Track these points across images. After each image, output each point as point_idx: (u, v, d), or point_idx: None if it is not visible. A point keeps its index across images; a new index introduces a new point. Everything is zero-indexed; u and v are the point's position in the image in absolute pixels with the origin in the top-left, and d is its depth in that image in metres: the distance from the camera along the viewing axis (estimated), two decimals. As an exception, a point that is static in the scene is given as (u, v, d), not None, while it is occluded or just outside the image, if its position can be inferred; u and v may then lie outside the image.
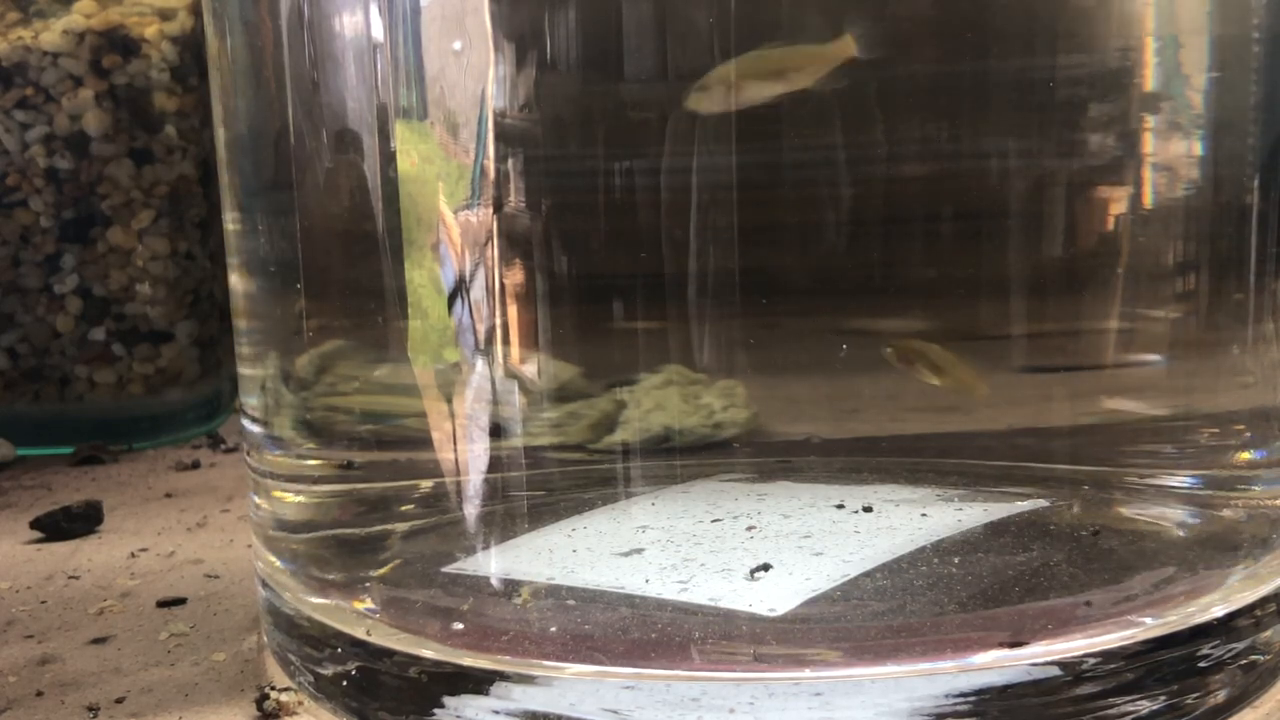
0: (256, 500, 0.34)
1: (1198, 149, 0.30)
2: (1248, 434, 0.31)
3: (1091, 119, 0.28)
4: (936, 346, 0.29)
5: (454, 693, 0.28)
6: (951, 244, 0.29)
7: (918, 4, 0.28)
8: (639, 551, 0.29)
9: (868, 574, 0.28)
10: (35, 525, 0.45)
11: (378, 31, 0.29)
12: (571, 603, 0.28)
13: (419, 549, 0.32)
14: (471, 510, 0.30)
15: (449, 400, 0.30)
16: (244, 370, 0.34)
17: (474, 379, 0.30)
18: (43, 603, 0.38)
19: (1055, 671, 0.27)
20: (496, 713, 0.27)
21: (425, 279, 0.30)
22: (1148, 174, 0.29)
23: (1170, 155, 0.30)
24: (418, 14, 0.29)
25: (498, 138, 0.28)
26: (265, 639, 0.34)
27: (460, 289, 0.29)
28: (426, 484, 0.32)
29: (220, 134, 0.33)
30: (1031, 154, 0.28)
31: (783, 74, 0.26)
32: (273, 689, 0.31)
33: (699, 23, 0.27)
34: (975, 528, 0.30)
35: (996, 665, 0.26)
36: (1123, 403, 0.30)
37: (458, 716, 0.28)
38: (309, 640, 0.30)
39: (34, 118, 0.56)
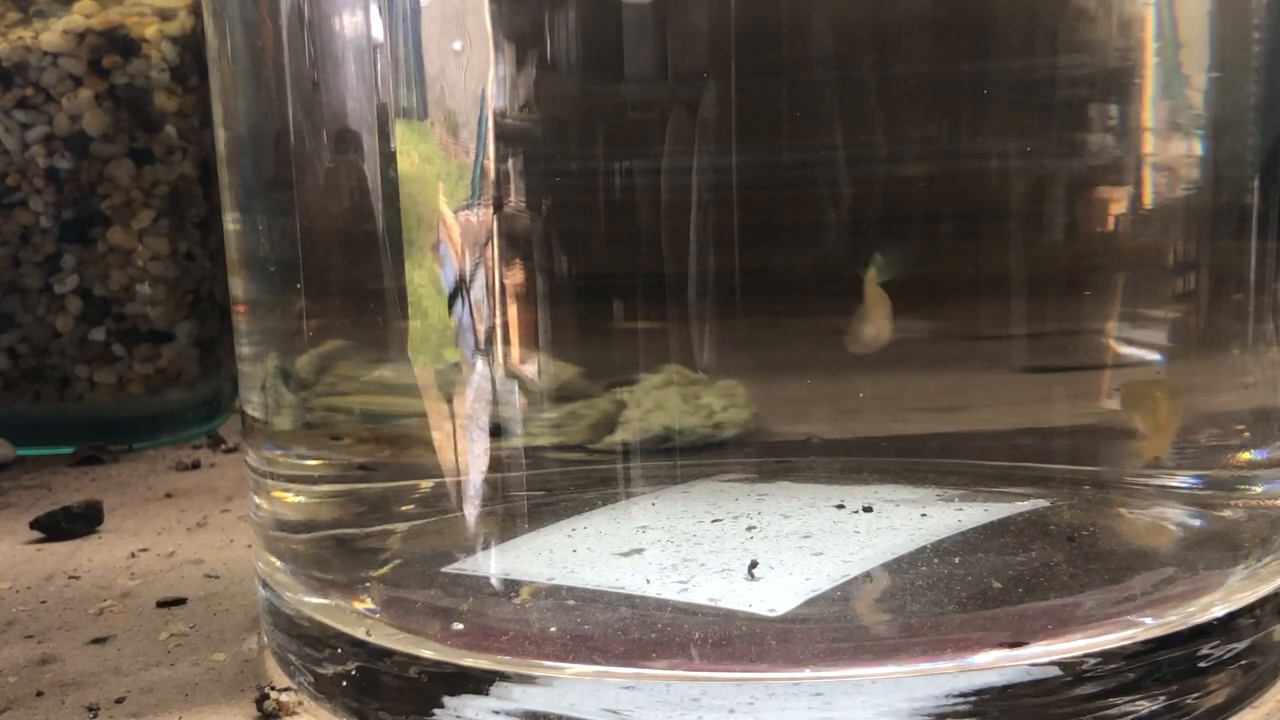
0: (256, 500, 0.33)
1: (1198, 149, 0.30)
2: (1248, 434, 0.31)
3: (1091, 119, 0.28)
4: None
5: (454, 693, 0.28)
6: (952, 244, 0.29)
7: (918, 3, 0.28)
8: (639, 551, 0.29)
9: (868, 574, 0.28)
10: (35, 525, 0.45)
11: (378, 31, 0.29)
12: (571, 603, 0.28)
13: (419, 549, 0.31)
14: (471, 510, 0.30)
15: (449, 400, 0.30)
16: (244, 370, 0.34)
17: (474, 379, 0.30)
18: (43, 603, 0.38)
19: (1055, 671, 0.27)
20: (496, 713, 0.27)
21: (425, 279, 0.30)
22: (1148, 174, 0.29)
23: (1170, 155, 0.30)
24: (418, 14, 0.29)
25: (498, 138, 0.28)
26: (265, 639, 0.34)
27: (460, 289, 0.29)
28: (426, 484, 0.32)
29: (220, 134, 0.33)
30: (1031, 154, 0.28)
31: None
32: (273, 689, 0.31)
33: (699, 23, 0.27)
34: (975, 528, 0.30)
35: (996, 665, 0.26)
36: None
37: (458, 716, 0.28)
38: (309, 640, 0.30)
39: (34, 118, 0.56)
